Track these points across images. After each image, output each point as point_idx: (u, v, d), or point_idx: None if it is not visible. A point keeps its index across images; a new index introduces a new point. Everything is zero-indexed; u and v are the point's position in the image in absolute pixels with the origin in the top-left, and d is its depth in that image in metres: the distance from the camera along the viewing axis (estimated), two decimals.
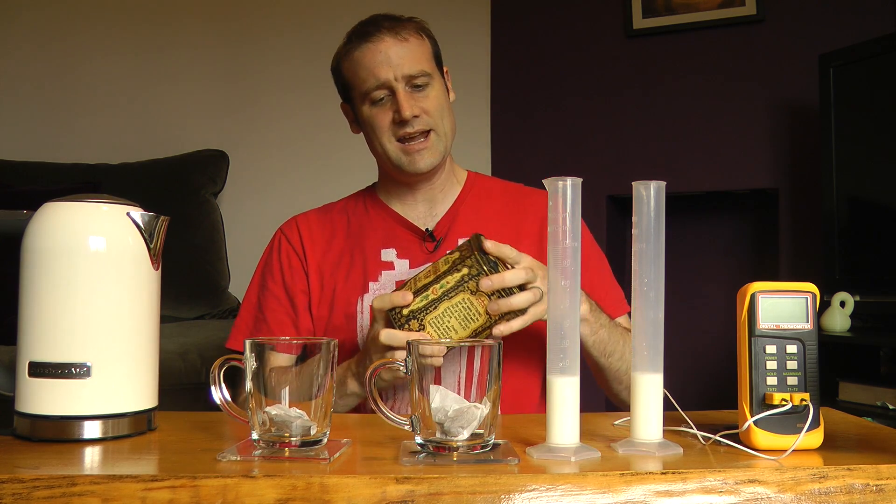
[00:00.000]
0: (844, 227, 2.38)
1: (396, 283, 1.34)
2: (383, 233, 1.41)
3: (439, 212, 1.42)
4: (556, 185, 0.81)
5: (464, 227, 1.39)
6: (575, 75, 2.95)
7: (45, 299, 0.86)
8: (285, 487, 0.69)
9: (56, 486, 0.69)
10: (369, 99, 1.34)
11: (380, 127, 1.34)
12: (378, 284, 1.36)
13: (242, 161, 2.95)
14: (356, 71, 1.34)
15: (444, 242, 1.38)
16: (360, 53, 1.33)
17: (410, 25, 1.35)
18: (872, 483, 0.73)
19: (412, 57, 1.32)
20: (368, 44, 1.32)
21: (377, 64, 1.31)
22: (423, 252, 1.38)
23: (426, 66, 1.34)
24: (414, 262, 1.37)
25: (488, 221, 1.40)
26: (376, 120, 1.34)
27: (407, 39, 1.33)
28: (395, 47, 1.31)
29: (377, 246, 1.39)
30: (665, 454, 0.80)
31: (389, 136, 1.34)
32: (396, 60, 1.31)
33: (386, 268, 1.37)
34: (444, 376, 0.79)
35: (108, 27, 3.07)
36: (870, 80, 2.33)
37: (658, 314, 0.84)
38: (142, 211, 0.91)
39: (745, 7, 2.69)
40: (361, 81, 1.33)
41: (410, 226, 1.40)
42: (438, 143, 1.35)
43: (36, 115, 3.04)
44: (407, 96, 1.31)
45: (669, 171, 2.70)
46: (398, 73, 1.31)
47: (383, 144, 1.35)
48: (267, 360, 0.80)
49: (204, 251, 2.68)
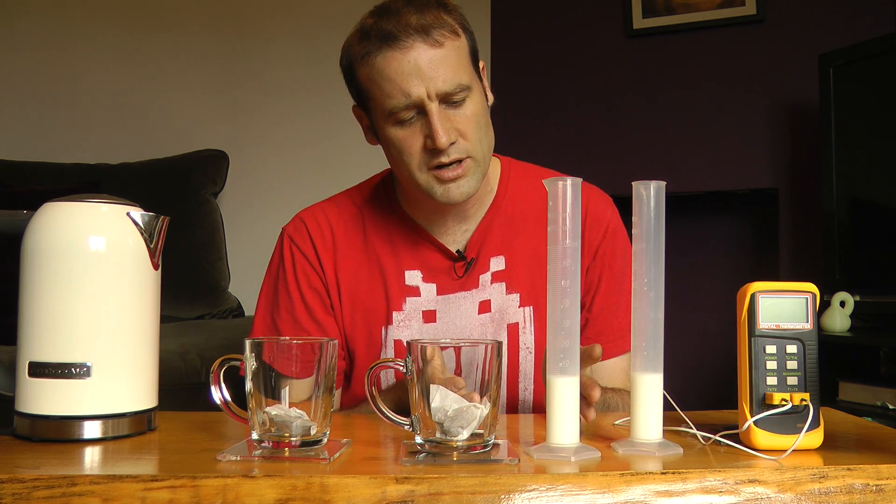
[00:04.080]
0: (844, 227, 2.38)
1: (423, 313, 1.23)
2: (406, 250, 1.24)
3: (470, 227, 1.25)
4: (556, 185, 0.81)
5: (497, 244, 1.25)
6: (575, 75, 2.95)
7: (45, 299, 0.86)
8: (285, 487, 0.69)
9: (56, 486, 0.69)
10: (394, 118, 1.12)
11: (408, 154, 1.14)
12: (402, 315, 1.22)
13: (242, 161, 2.94)
14: (378, 82, 1.11)
15: (475, 265, 1.24)
16: (384, 61, 1.10)
17: (443, 21, 1.11)
18: (872, 483, 0.73)
19: (448, 67, 1.10)
20: (394, 51, 1.09)
21: (405, 77, 1.09)
22: (451, 277, 1.23)
23: (464, 77, 1.12)
24: (442, 287, 1.23)
25: (520, 233, 1.26)
26: (404, 144, 1.13)
27: (441, 44, 1.09)
28: (426, 55, 1.09)
29: (400, 266, 1.24)
30: (665, 454, 0.80)
31: (420, 163, 1.14)
32: (429, 73, 1.09)
33: (411, 293, 1.23)
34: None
35: (107, 28, 3.07)
36: (870, 80, 2.33)
37: (658, 314, 0.84)
38: (142, 211, 0.91)
39: (745, 7, 2.69)
40: (385, 96, 1.11)
41: (438, 244, 1.24)
42: (476, 170, 1.16)
43: (36, 115, 3.04)
44: (442, 118, 1.11)
45: (669, 171, 2.70)
46: (431, 89, 1.09)
47: (412, 172, 1.15)
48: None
49: (204, 251, 2.68)
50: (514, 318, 1.24)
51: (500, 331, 1.23)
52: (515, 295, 1.25)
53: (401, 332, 1.23)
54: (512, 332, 1.24)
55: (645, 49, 2.87)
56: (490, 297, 1.24)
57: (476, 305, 1.24)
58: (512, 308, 1.24)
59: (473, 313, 1.24)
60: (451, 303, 1.24)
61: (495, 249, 1.25)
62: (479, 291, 1.24)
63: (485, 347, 0.79)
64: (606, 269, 1.28)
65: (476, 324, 1.24)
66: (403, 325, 1.23)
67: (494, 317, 1.24)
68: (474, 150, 1.15)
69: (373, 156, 1.38)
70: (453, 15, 1.14)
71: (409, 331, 1.23)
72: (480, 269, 1.25)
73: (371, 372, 0.83)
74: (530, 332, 1.24)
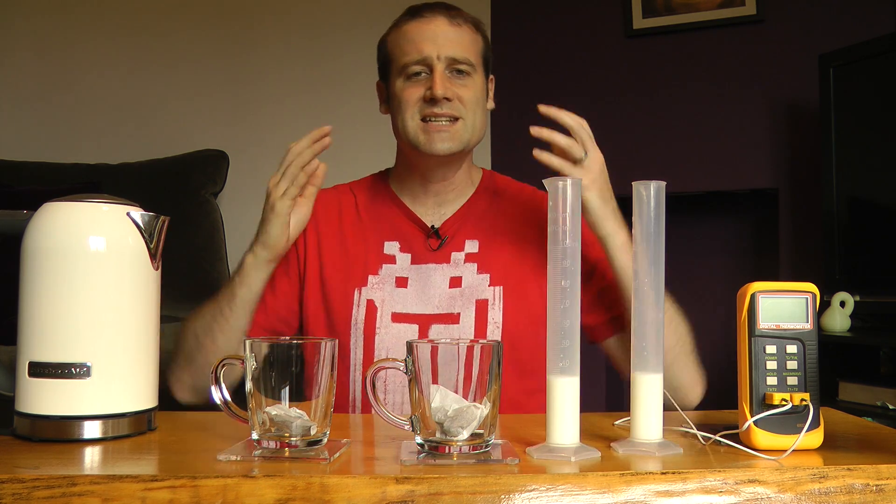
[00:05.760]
0: (844, 227, 2.38)
1: (396, 279, 1.32)
2: (388, 224, 1.36)
3: (448, 211, 1.37)
4: (556, 185, 0.81)
5: (472, 230, 1.35)
6: (575, 75, 2.95)
7: (45, 299, 0.86)
8: (285, 487, 0.69)
9: (56, 486, 0.69)
10: (405, 73, 1.29)
11: (406, 101, 1.28)
12: (377, 278, 1.32)
13: (242, 161, 2.94)
14: (400, 42, 1.30)
15: (448, 242, 1.34)
16: (409, 27, 1.30)
17: (469, 18, 1.32)
18: (872, 483, 0.73)
19: (460, 42, 1.28)
20: (420, 19, 1.29)
21: (423, 38, 1.27)
22: (426, 249, 1.33)
23: (472, 57, 1.30)
24: (416, 258, 1.33)
25: (498, 227, 1.36)
26: (405, 94, 1.29)
27: (460, 26, 1.29)
28: (445, 27, 1.28)
29: (381, 237, 1.35)
30: (665, 454, 0.80)
31: (414, 112, 1.28)
32: (443, 40, 1.27)
33: (387, 261, 1.33)
34: (443, 376, 0.79)
35: (108, 28, 3.07)
36: (870, 80, 2.33)
37: (658, 314, 0.84)
38: (142, 211, 0.91)
39: (745, 7, 2.69)
40: (402, 53, 1.29)
41: (417, 220, 1.36)
42: (464, 132, 1.29)
43: (36, 115, 3.04)
44: (444, 77, 1.26)
45: (669, 171, 2.70)
46: (442, 52, 1.27)
47: (405, 120, 1.29)
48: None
49: (204, 251, 2.68)
50: (483, 295, 1.30)
51: (469, 305, 1.29)
52: (486, 275, 1.31)
53: (373, 293, 1.31)
54: (480, 307, 1.29)
55: (645, 49, 2.87)
56: (461, 274, 1.32)
57: (447, 279, 1.32)
58: (482, 286, 1.31)
59: (444, 286, 1.31)
60: (422, 272, 1.32)
61: (470, 234, 1.35)
62: (450, 267, 1.32)
63: (485, 347, 0.79)
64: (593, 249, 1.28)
65: (445, 296, 1.30)
66: (377, 287, 1.31)
67: (464, 292, 1.30)
68: (467, 115, 1.28)
69: (373, 156, 1.42)
70: (479, 24, 1.34)
71: (381, 293, 1.31)
72: (455, 248, 1.33)
73: (371, 372, 0.83)
74: (499, 308, 1.29)
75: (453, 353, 0.79)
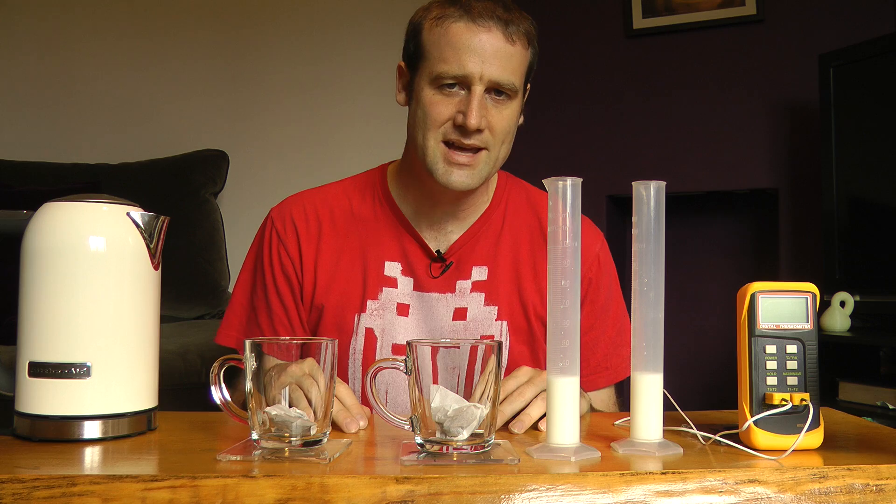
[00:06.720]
0: (844, 227, 2.38)
1: (397, 305, 1.23)
2: (389, 241, 1.25)
3: (456, 230, 1.25)
4: (556, 185, 0.81)
5: (482, 255, 1.25)
6: (575, 75, 2.95)
7: (45, 299, 0.86)
8: (285, 487, 0.69)
9: (56, 486, 0.69)
10: (438, 82, 1.14)
11: (434, 119, 1.15)
12: (377, 304, 1.23)
13: (242, 161, 2.95)
14: (441, 45, 1.14)
15: (453, 269, 1.23)
16: (457, 29, 1.13)
17: (524, 28, 1.17)
18: (872, 483, 0.73)
19: (509, 63, 1.14)
20: (472, 24, 1.13)
21: (469, 50, 1.12)
22: (429, 274, 1.23)
23: (517, 80, 1.16)
24: (419, 284, 1.23)
25: (510, 249, 1.26)
26: (434, 109, 1.15)
27: (514, 42, 1.14)
28: (497, 43, 1.13)
29: (381, 257, 1.24)
30: (665, 454, 0.80)
31: (438, 133, 1.15)
32: (492, 58, 1.12)
33: (388, 284, 1.23)
34: (443, 376, 0.79)
35: (108, 28, 3.07)
36: (870, 80, 2.33)
37: (658, 314, 0.84)
38: (142, 211, 0.91)
39: (745, 7, 2.69)
40: (441, 60, 1.13)
41: (420, 240, 1.24)
42: (486, 166, 1.17)
43: (36, 115, 3.04)
44: (481, 104, 1.13)
45: (669, 171, 2.70)
46: (486, 72, 1.12)
47: (426, 138, 1.16)
48: (265, 363, 0.80)
49: (204, 251, 2.68)
50: (488, 330, 1.23)
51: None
52: (493, 308, 1.24)
53: (373, 321, 1.23)
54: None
55: (645, 49, 2.87)
56: (467, 305, 1.24)
57: (451, 311, 1.24)
58: (488, 320, 1.24)
59: (447, 318, 1.24)
60: (425, 301, 1.24)
61: (480, 259, 1.25)
62: (455, 297, 1.24)
63: (486, 347, 0.79)
64: (588, 303, 1.27)
65: (448, 329, 1.23)
66: (376, 314, 1.23)
67: (469, 325, 1.23)
68: (493, 147, 1.17)
69: (373, 157, 1.39)
70: (532, 33, 1.20)
71: (381, 321, 1.23)
72: (461, 276, 1.24)
73: (371, 372, 0.83)
74: (504, 345, 1.23)
75: (453, 353, 0.79)
